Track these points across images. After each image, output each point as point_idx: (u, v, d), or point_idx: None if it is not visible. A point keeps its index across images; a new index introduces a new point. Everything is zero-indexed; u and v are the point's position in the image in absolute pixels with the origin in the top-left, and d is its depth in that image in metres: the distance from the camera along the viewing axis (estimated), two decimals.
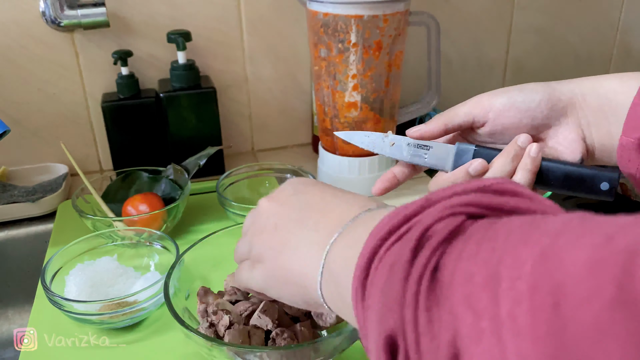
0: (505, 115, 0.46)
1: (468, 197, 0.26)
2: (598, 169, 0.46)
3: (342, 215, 0.34)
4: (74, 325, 0.60)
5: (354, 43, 0.76)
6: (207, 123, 0.90)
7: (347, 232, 0.33)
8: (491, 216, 0.26)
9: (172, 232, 0.76)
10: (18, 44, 0.85)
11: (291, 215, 0.37)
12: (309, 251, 0.34)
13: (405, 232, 0.26)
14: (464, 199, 0.26)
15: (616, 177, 0.45)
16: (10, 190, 0.85)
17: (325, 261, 0.32)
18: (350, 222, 0.33)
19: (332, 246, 0.33)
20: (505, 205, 0.26)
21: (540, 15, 1.12)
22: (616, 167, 0.46)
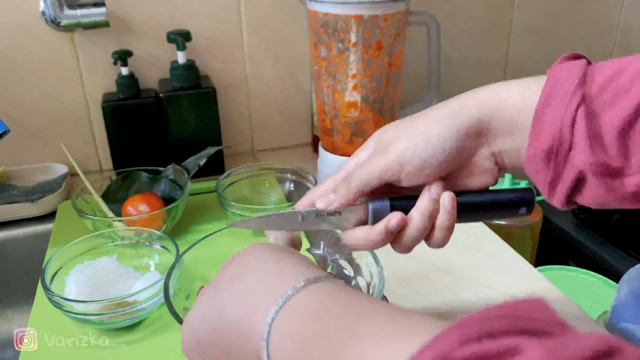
0: (417, 175, 0.42)
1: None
2: (514, 194, 0.45)
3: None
4: (74, 325, 0.60)
5: (354, 43, 0.76)
6: (207, 123, 0.89)
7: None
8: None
9: (172, 232, 0.76)
10: (18, 44, 0.85)
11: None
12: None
13: None
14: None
15: (532, 200, 0.45)
16: (9, 190, 0.85)
17: None
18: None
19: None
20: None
21: (541, 15, 1.12)
22: (530, 189, 0.46)
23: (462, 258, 0.69)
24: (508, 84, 0.43)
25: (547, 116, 0.39)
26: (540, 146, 0.40)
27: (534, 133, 0.40)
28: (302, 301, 0.28)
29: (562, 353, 0.18)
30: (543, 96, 0.40)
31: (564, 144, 0.39)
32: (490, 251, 0.71)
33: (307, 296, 0.29)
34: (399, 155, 0.41)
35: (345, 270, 0.57)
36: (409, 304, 0.62)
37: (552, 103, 0.39)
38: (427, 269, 0.67)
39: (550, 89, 0.40)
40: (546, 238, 0.97)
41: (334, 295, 0.28)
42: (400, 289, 0.64)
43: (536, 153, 0.40)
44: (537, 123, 0.40)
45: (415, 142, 0.41)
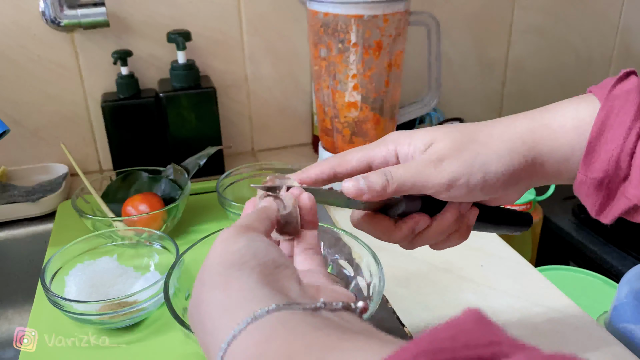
0: (458, 199, 0.41)
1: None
2: (516, 217, 0.49)
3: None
4: (74, 325, 0.60)
5: (354, 43, 0.76)
6: (207, 123, 0.89)
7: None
8: None
9: (172, 232, 0.76)
10: (18, 43, 0.85)
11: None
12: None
13: None
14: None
15: (528, 223, 0.49)
16: (10, 190, 0.85)
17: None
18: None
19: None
20: None
21: (541, 15, 1.11)
22: (528, 214, 0.49)
23: (462, 258, 0.69)
24: (563, 114, 0.41)
25: (602, 147, 0.39)
26: (592, 175, 0.39)
27: (586, 161, 0.40)
28: (240, 346, 0.27)
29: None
30: (597, 125, 0.39)
31: (619, 174, 0.39)
32: (490, 251, 0.71)
33: (245, 339, 0.27)
34: (451, 179, 0.40)
35: (345, 270, 0.57)
36: (409, 304, 0.62)
37: (606, 133, 0.39)
38: (427, 269, 0.67)
39: (605, 117, 0.39)
40: (546, 238, 0.97)
41: (269, 337, 0.26)
42: (400, 289, 0.64)
43: (587, 180, 0.40)
44: (590, 154, 0.39)
45: (471, 172, 0.40)
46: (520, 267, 0.69)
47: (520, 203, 0.87)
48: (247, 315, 0.27)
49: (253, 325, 0.27)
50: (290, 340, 0.25)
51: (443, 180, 0.39)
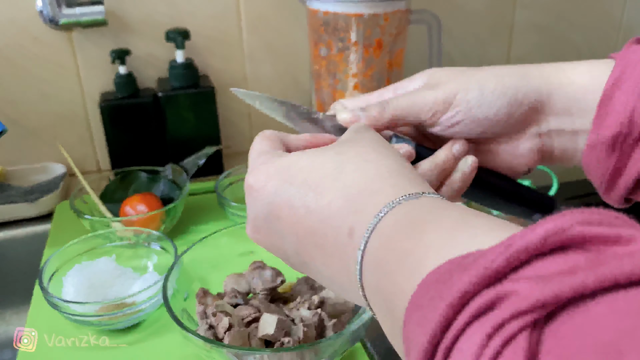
0: (457, 123, 0.40)
1: (569, 258, 0.19)
2: (536, 195, 0.42)
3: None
4: (73, 326, 0.59)
5: (355, 42, 0.75)
6: (206, 122, 0.89)
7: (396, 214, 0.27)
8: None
9: (171, 232, 0.76)
10: (15, 42, 0.85)
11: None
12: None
13: (486, 308, 0.19)
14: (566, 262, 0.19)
15: (551, 208, 0.42)
16: (7, 191, 0.84)
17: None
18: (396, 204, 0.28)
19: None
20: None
21: (542, 13, 1.11)
22: (552, 198, 0.42)
23: None
24: (576, 63, 0.40)
25: (617, 100, 0.36)
26: (605, 132, 0.36)
27: (599, 118, 0.37)
28: (424, 201, 0.28)
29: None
30: (612, 78, 0.37)
31: (633, 131, 0.36)
32: None
33: (428, 199, 0.28)
34: (448, 95, 0.39)
35: None
36: None
37: (622, 86, 0.36)
38: None
39: (621, 71, 0.37)
40: None
41: (451, 204, 0.28)
42: None
43: (599, 140, 0.37)
44: (604, 107, 0.37)
45: (468, 87, 0.39)
46: None
47: None
48: (425, 190, 0.29)
49: (427, 197, 0.28)
50: (465, 208, 0.26)
51: (438, 98, 0.39)
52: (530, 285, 0.18)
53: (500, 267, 0.19)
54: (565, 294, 0.18)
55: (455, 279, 0.20)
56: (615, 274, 0.17)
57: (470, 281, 0.19)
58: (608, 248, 0.19)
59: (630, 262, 0.18)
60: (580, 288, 0.18)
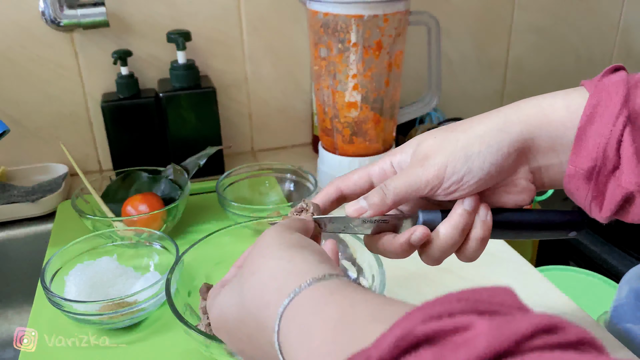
0: (454, 191, 0.41)
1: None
2: (562, 216, 0.44)
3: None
4: (74, 326, 0.60)
5: (354, 43, 0.75)
6: (206, 123, 0.89)
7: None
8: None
9: (172, 232, 0.76)
10: (18, 43, 0.85)
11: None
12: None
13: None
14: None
15: (582, 222, 0.44)
16: (9, 191, 0.85)
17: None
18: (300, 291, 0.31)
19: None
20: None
21: (541, 15, 1.11)
22: (576, 211, 0.44)
23: None
24: (552, 97, 0.42)
25: (591, 135, 0.39)
26: (581, 165, 0.39)
27: (575, 152, 0.40)
28: (307, 297, 0.31)
29: (507, 327, 0.20)
30: (586, 114, 0.39)
31: (607, 164, 0.38)
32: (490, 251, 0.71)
33: (310, 292, 0.31)
34: (438, 170, 0.40)
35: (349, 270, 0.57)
36: None
37: (595, 122, 0.39)
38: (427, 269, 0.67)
39: (594, 107, 0.39)
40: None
41: (333, 291, 0.30)
42: (400, 289, 0.64)
43: (577, 172, 0.40)
44: (580, 142, 0.39)
45: (455, 157, 0.40)
46: (520, 267, 0.69)
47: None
48: (310, 278, 0.31)
49: (319, 283, 0.31)
50: (351, 292, 0.30)
51: (430, 175, 0.40)
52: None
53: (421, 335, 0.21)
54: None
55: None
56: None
57: None
58: (449, 339, 0.21)
59: (466, 350, 0.20)
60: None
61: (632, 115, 0.38)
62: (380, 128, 0.83)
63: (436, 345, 0.21)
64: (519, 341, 0.20)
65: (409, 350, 0.21)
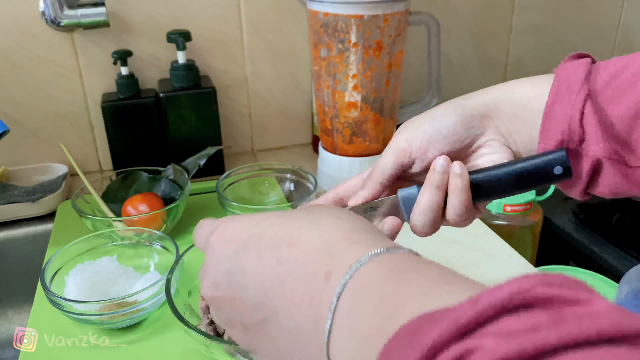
0: (426, 151, 0.44)
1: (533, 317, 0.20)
2: (543, 156, 0.41)
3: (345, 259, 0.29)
4: (74, 325, 0.60)
5: (354, 43, 0.76)
6: (207, 123, 0.89)
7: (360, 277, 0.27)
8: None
9: (172, 232, 0.76)
10: (18, 43, 0.85)
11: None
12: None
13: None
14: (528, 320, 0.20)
15: (565, 156, 0.40)
16: (10, 190, 0.85)
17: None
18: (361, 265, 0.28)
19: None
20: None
21: (541, 14, 1.11)
22: (558, 148, 0.42)
23: (462, 258, 0.69)
24: (517, 80, 0.46)
25: (556, 113, 0.41)
26: (551, 142, 0.41)
27: (544, 130, 0.42)
28: (401, 254, 0.29)
29: (631, 316, 0.19)
30: (551, 94, 0.42)
31: (574, 138, 0.41)
32: (490, 251, 0.71)
33: (405, 253, 0.29)
34: (407, 135, 0.44)
35: None
36: None
37: (559, 100, 0.41)
38: None
39: (557, 86, 0.42)
40: (546, 238, 0.97)
41: (426, 260, 0.29)
42: None
43: (547, 149, 0.42)
44: (547, 120, 0.42)
45: (421, 121, 0.44)
46: (520, 267, 0.69)
47: (520, 203, 0.87)
48: (382, 247, 0.29)
49: (404, 251, 0.29)
50: (441, 266, 0.27)
51: (401, 139, 0.44)
52: (495, 341, 0.19)
53: (469, 322, 0.20)
54: (528, 351, 0.19)
55: (426, 331, 0.21)
56: (575, 333, 0.19)
57: (440, 334, 0.20)
58: (568, 308, 0.20)
59: (589, 322, 0.19)
60: (541, 345, 0.19)
61: (592, 93, 0.40)
62: (380, 128, 0.83)
63: (553, 310, 0.20)
64: (639, 333, 0.19)
65: (522, 308, 0.20)
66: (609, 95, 0.40)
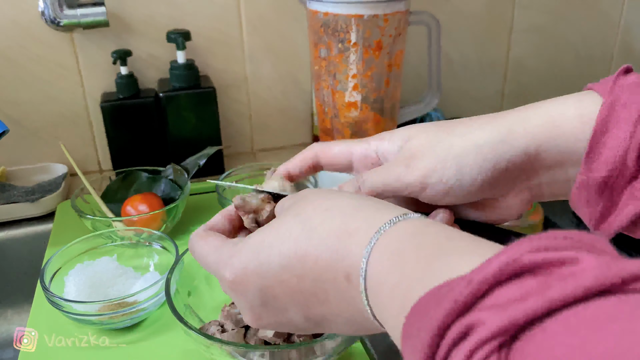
0: (438, 200, 0.38)
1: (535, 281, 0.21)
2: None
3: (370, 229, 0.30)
4: (74, 326, 0.59)
5: (354, 43, 0.75)
6: (206, 123, 0.89)
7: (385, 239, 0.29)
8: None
9: (172, 232, 0.76)
10: (17, 43, 0.85)
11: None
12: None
13: (461, 336, 0.21)
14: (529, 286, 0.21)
15: None
16: (9, 191, 0.85)
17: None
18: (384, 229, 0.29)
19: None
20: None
21: (541, 14, 1.11)
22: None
23: None
24: (564, 104, 0.37)
25: (607, 141, 0.35)
26: (595, 175, 0.35)
27: (588, 160, 0.35)
28: (402, 226, 0.29)
29: (615, 265, 0.20)
30: (600, 117, 0.35)
31: (626, 173, 0.34)
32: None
33: (406, 223, 0.30)
34: (423, 175, 0.37)
35: None
36: None
37: (612, 127, 0.35)
38: None
39: (609, 109, 0.35)
40: None
41: (428, 224, 0.30)
42: None
43: (590, 183, 0.36)
44: (594, 149, 0.35)
45: (445, 165, 0.36)
46: None
47: None
48: (404, 212, 0.30)
49: (413, 218, 0.30)
50: (445, 228, 0.29)
51: (413, 179, 0.37)
52: (490, 314, 0.21)
53: (466, 300, 0.22)
54: (520, 319, 0.20)
55: (432, 312, 0.22)
56: (562, 295, 0.20)
57: (444, 314, 0.22)
58: (555, 270, 0.21)
59: (574, 282, 0.20)
60: (531, 312, 0.20)
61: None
62: (381, 128, 0.83)
63: (541, 275, 0.21)
64: (625, 280, 0.20)
65: (512, 278, 0.22)
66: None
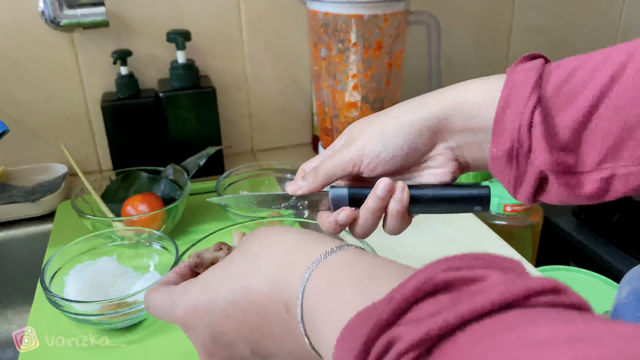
0: (374, 169, 0.45)
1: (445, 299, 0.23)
2: (469, 190, 0.45)
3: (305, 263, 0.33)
4: (74, 326, 0.60)
5: (354, 43, 0.75)
6: (206, 123, 0.89)
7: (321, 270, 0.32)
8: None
9: (172, 232, 0.76)
10: (17, 43, 0.85)
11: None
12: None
13: (383, 351, 0.23)
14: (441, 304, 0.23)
15: (487, 198, 0.45)
16: (9, 191, 0.85)
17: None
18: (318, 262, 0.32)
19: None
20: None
21: (541, 14, 1.11)
22: (486, 187, 0.45)
23: None
24: (471, 82, 0.45)
25: (506, 119, 0.41)
26: (501, 148, 0.41)
27: (495, 135, 0.41)
28: (337, 257, 0.33)
29: (518, 282, 0.22)
30: (502, 99, 0.41)
31: (523, 145, 0.40)
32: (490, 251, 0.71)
33: (341, 254, 0.33)
34: (359, 149, 0.44)
35: None
36: None
37: (510, 106, 0.41)
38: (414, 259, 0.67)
39: (508, 91, 0.41)
40: (547, 238, 0.97)
41: (361, 254, 0.33)
42: None
43: (498, 155, 0.42)
44: (498, 125, 0.41)
45: (372, 136, 0.44)
46: None
47: (520, 203, 0.86)
48: (337, 245, 0.34)
49: (347, 249, 0.34)
50: (376, 257, 0.33)
51: (352, 154, 0.45)
52: (408, 329, 0.23)
53: (388, 317, 0.24)
54: (433, 332, 0.22)
55: (358, 332, 0.25)
56: (471, 309, 0.22)
57: (368, 332, 0.24)
58: (466, 287, 0.24)
59: (481, 297, 0.22)
60: (443, 325, 0.22)
61: (542, 100, 0.40)
62: None
63: (453, 292, 0.24)
64: (528, 295, 0.22)
65: (428, 295, 0.24)
66: (559, 102, 0.40)
